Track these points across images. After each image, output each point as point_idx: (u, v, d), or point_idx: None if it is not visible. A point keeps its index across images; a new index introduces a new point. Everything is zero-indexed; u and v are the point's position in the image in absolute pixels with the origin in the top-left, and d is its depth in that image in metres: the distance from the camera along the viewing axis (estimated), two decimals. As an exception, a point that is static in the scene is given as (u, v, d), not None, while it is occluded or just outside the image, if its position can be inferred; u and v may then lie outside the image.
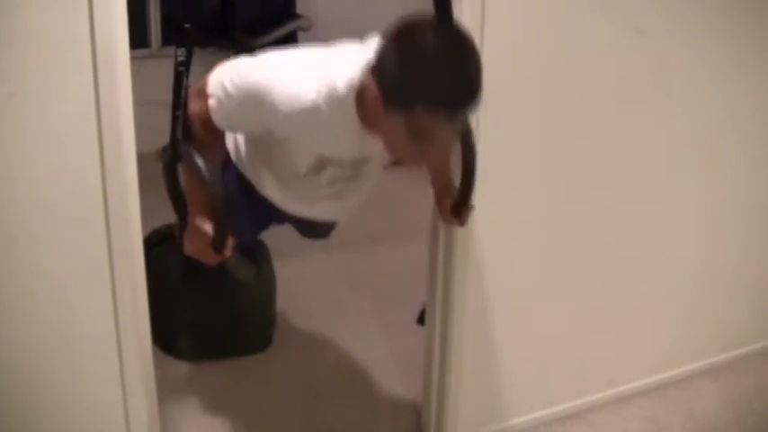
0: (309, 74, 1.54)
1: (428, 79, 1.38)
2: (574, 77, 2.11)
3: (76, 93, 1.48)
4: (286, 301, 2.86)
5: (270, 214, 1.99)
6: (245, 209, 1.88)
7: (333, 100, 1.51)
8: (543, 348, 2.35)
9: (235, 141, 1.90)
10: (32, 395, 1.63)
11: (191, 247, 1.72)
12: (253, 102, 1.55)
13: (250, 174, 1.90)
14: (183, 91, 1.65)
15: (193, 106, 1.67)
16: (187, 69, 1.66)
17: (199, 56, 1.66)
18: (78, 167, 1.53)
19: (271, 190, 1.89)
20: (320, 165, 1.72)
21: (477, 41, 1.88)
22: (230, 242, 1.67)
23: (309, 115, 1.52)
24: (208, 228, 1.67)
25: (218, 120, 1.66)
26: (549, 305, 2.31)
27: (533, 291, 2.26)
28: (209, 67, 1.74)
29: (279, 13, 4.84)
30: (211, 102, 1.64)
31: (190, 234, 1.72)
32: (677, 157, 2.39)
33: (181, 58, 1.61)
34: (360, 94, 1.52)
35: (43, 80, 1.45)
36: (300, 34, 4.90)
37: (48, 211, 1.52)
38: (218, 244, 1.65)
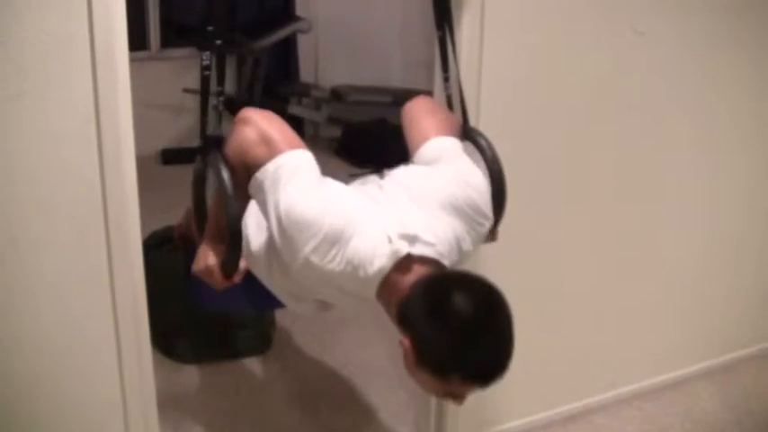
0: (348, 247, 1.39)
1: (465, 357, 1.36)
2: (573, 79, 2.11)
3: (76, 94, 1.49)
4: (285, 302, 2.86)
5: (271, 301, 1.88)
6: (250, 294, 1.78)
7: (356, 278, 1.43)
8: (544, 350, 2.34)
9: (246, 237, 1.65)
10: (32, 396, 1.63)
11: (200, 267, 1.61)
12: (285, 228, 1.39)
13: (253, 266, 1.70)
14: (208, 94, 1.60)
15: (249, 142, 1.45)
16: (221, 75, 1.61)
17: (198, 58, 1.65)
18: (77, 169, 1.53)
19: (273, 287, 1.70)
20: (316, 301, 1.67)
21: (476, 44, 1.90)
22: (242, 267, 1.56)
23: (326, 275, 1.42)
24: (221, 249, 1.56)
25: (254, 187, 1.47)
26: (549, 308, 2.31)
27: (533, 293, 2.26)
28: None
29: (278, 16, 4.85)
30: (269, 167, 1.42)
31: (202, 252, 1.62)
32: (677, 160, 2.39)
33: (206, 62, 1.57)
34: (386, 281, 1.44)
35: (43, 82, 1.45)
36: (300, 36, 4.91)
37: (47, 212, 1.52)
38: (228, 267, 1.55)
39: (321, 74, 5.12)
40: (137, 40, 4.43)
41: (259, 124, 1.45)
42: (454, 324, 1.36)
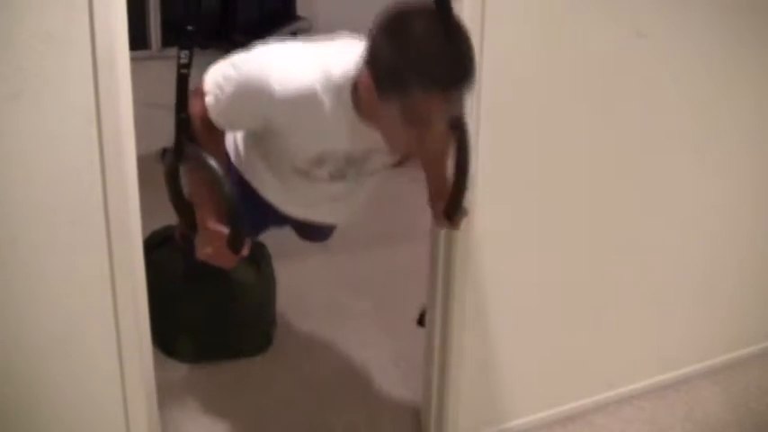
0: (305, 61, 1.53)
1: (420, 60, 1.37)
2: (574, 79, 2.11)
3: (77, 94, 1.48)
4: (286, 302, 2.86)
5: (269, 216, 1.98)
6: (245, 211, 1.86)
7: (329, 86, 1.51)
8: (543, 350, 2.35)
9: (234, 142, 1.89)
10: (32, 396, 1.63)
11: (206, 252, 1.67)
12: (249, 91, 1.55)
13: (249, 175, 1.88)
14: (186, 93, 1.64)
15: (193, 107, 1.66)
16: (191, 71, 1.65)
17: (199, 58, 1.65)
18: (78, 168, 1.53)
19: (270, 190, 1.87)
20: (320, 159, 1.71)
21: (477, 44, 1.89)
22: (247, 241, 1.63)
23: (306, 101, 1.51)
24: (223, 229, 1.63)
25: (216, 117, 1.65)
26: (549, 306, 2.32)
27: (533, 292, 2.26)
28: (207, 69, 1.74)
29: (279, 15, 4.85)
30: (209, 99, 1.64)
31: (203, 238, 1.67)
32: (679, 158, 2.39)
33: (183, 61, 1.60)
34: (356, 86, 1.51)
35: (43, 81, 1.45)
36: (301, 35, 4.91)
37: (48, 211, 1.52)
38: (235, 244, 1.61)
39: (321, 73, 5.12)
40: (137, 39, 4.44)
41: (193, 93, 1.65)
42: (410, 34, 1.39)
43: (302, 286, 3.10)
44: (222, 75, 1.62)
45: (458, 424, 2.24)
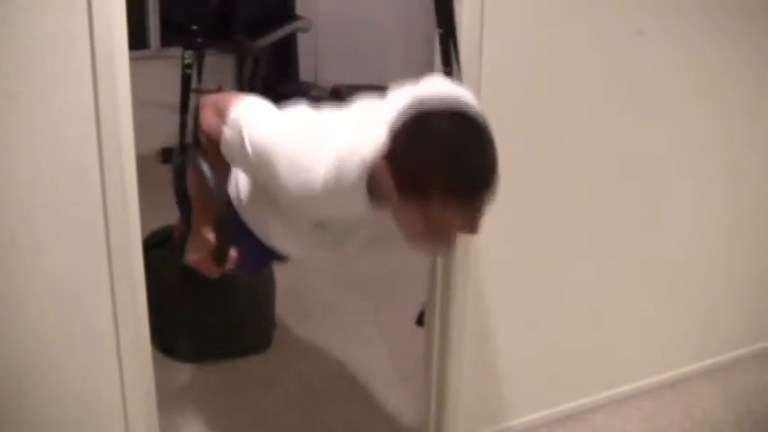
0: (321, 153, 1.42)
1: (443, 166, 1.32)
2: (573, 77, 2.11)
3: (76, 93, 1.49)
4: (285, 302, 2.87)
5: (269, 254, 1.90)
6: (246, 249, 1.80)
7: (342, 183, 1.42)
8: (543, 349, 2.35)
9: (236, 185, 1.75)
10: (31, 396, 1.63)
11: (192, 257, 1.66)
12: (261, 163, 1.45)
13: (251, 221, 1.76)
14: (190, 94, 1.63)
15: (208, 120, 1.56)
16: (199, 72, 1.64)
17: (199, 57, 1.65)
18: (77, 168, 1.53)
19: (269, 236, 1.76)
20: (320, 225, 1.67)
21: (476, 44, 1.90)
22: (232, 255, 1.60)
23: (314, 195, 1.44)
24: (211, 237, 1.60)
25: (225, 152, 1.55)
26: (548, 306, 2.32)
27: (533, 292, 2.26)
28: (208, 69, 1.74)
29: (278, 15, 4.85)
30: (226, 132, 1.52)
31: (193, 243, 1.66)
32: (677, 159, 2.39)
33: (188, 61, 1.59)
34: (372, 176, 1.43)
35: (43, 81, 1.45)
36: (300, 35, 4.91)
37: (47, 211, 1.52)
38: (219, 256, 1.59)
39: (321, 73, 5.12)
40: (137, 38, 4.44)
41: (210, 102, 1.54)
42: (434, 138, 1.35)
43: (301, 286, 3.10)
44: (244, 126, 1.49)
45: (457, 423, 2.24)
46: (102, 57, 1.48)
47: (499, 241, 2.14)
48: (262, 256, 1.76)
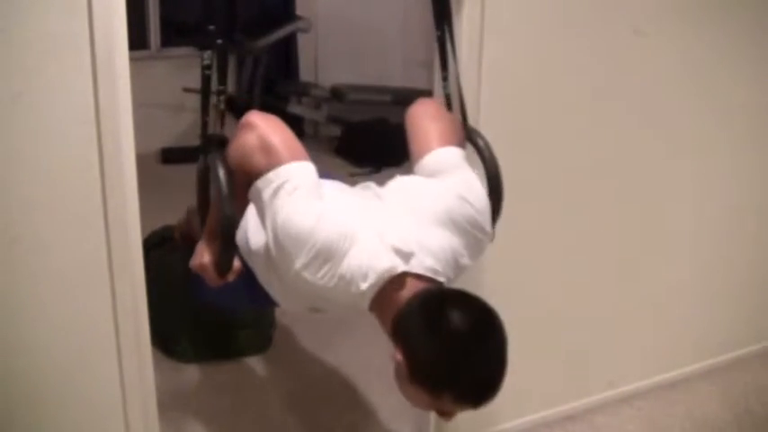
0: (341, 264, 1.39)
1: (458, 377, 1.36)
2: (573, 78, 2.11)
3: (76, 94, 1.49)
4: (285, 302, 2.86)
5: (269, 299, 1.88)
6: (249, 290, 1.78)
7: (349, 293, 1.42)
8: (543, 350, 2.35)
9: (245, 234, 1.63)
10: (32, 395, 1.63)
11: (195, 263, 1.64)
12: (280, 241, 1.40)
13: (250, 263, 1.68)
14: (209, 95, 1.61)
15: (250, 148, 1.44)
16: (221, 73, 1.61)
17: (198, 57, 1.65)
18: (78, 168, 1.53)
19: (266, 285, 1.69)
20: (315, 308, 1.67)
21: (476, 44, 1.90)
22: (236, 266, 1.59)
23: (319, 290, 1.42)
24: (217, 246, 1.58)
25: (253, 194, 1.48)
26: (548, 307, 2.31)
27: (533, 293, 2.26)
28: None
29: (278, 15, 4.85)
30: (270, 177, 1.41)
31: (199, 249, 1.64)
32: (676, 160, 2.39)
33: (207, 62, 1.57)
34: (378, 297, 1.43)
35: (43, 81, 1.45)
36: (300, 35, 4.91)
37: (47, 211, 1.53)
38: (221, 265, 1.58)
39: (321, 73, 5.12)
40: (137, 39, 4.44)
41: (262, 130, 1.44)
42: (450, 342, 1.35)
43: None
44: (291, 195, 1.40)
45: (457, 423, 2.23)
46: (102, 57, 1.48)
47: (499, 242, 2.14)
48: (264, 296, 1.72)
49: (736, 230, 2.62)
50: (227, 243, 1.54)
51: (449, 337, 1.36)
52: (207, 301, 1.92)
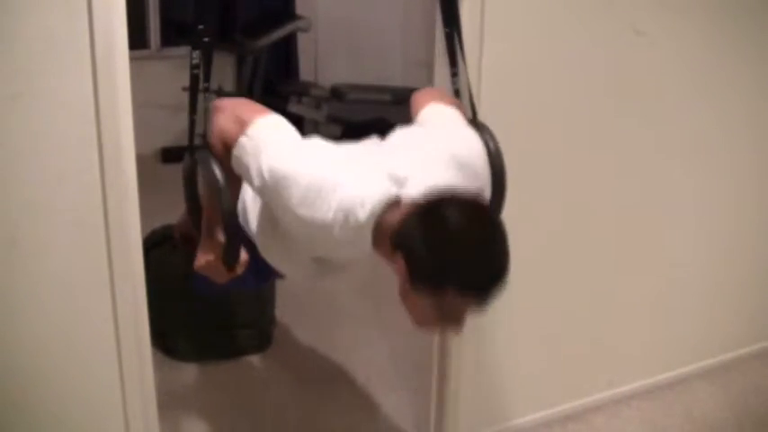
0: (333, 196, 1.41)
1: (457, 265, 1.35)
2: (574, 77, 2.11)
3: (76, 94, 1.49)
4: (286, 302, 2.86)
5: (273, 271, 1.89)
6: (253, 266, 1.78)
7: (348, 227, 1.42)
8: (543, 350, 2.35)
9: (243, 200, 1.74)
10: (32, 395, 1.63)
11: (200, 263, 1.63)
12: (272, 189, 1.43)
13: (255, 239, 1.73)
14: (197, 94, 1.61)
15: (224, 125, 1.51)
16: (206, 72, 1.62)
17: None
18: (78, 168, 1.53)
19: (268, 255, 1.73)
20: (319, 260, 1.66)
21: (476, 44, 1.90)
22: (243, 258, 1.59)
23: (319, 230, 1.43)
24: (222, 239, 1.57)
25: (235, 162, 1.51)
26: (548, 307, 2.32)
27: (533, 292, 2.26)
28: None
29: (278, 15, 4.85)
30: (243, 141, 1.48)
31: (203, 246, 1.63)
32: (677, 157, 2.39)
33: (195, 61, 1.57)
34: (378, 227, 1.42)
35: (43, 81, 1.45)
36: (300, 34, 4.91)
37: (47, 211, 1.52)
38: (229, 259, 1.56)
39: (321, 72, 5.12)
40: (137, 38, 4.44)
41: (230, 107, 1.52)
42: (450, 235, 1.35)
43: (302, 286, 3.10)
44: (263, 149, 1.46)
45: (457, 423, 2.24)
46: (102, 57, 1.48)
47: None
48: (265, 269, 1.73)
49: (737, 230, 2.62)
50: (232, 234, 1.54)
51: (448, 232, 1.35)
52: (211, 290, 1.91)
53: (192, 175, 1.63)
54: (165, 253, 2.48)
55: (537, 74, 2.05)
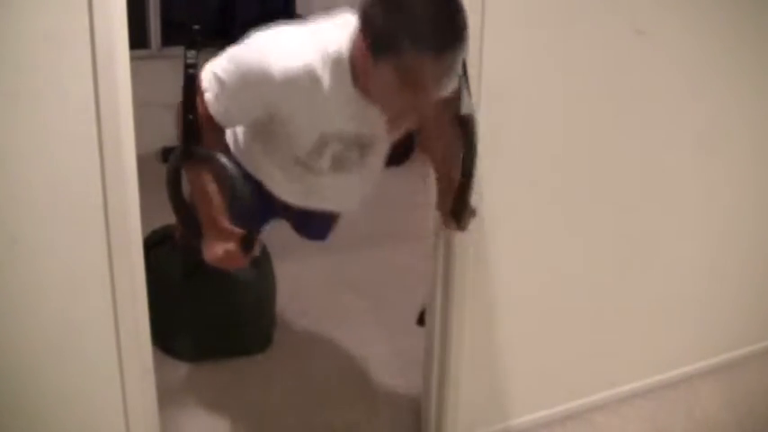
0: (301, 43, 1.58)
1: (412, 22, 1.42)
2: (574, 77, 2.11)
3: (76, 93, 1.48)
4: (286, 300, 2.87)
5: (269, 207, 1.97)
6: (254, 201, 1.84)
7: (327, 62, 1.55)
8: (543, 349, 2.35)
9: (234, 135, 1.89)
10: (31, 395, 1.63)
11: (215, 253, 1.65)
12: (249, 81, 1.56)
13: (250, 166, 1.87)
14: (193, 94, 1.63)
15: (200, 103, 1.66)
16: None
17: (201, 56, 1.65)
18: (78, 168, 1.53)
19: (272, 180, 1.87)
20: (322, 143, 1.70)
21: (476, 44, 1.90)
22: (258, 239, 1.64)
23: (307, 81, 1.54)
24: (236, 229, 1.62)
25: (216, 113, 1.64)
26: (549, 306, 2.31)
27: (533, 291, 2.26)
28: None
29: (278, 14, 4.84)
30: (208, 96, 1.63)
31: (214, 240, 1.65)
32: (678, 158, 2.39)
33: (191, 61, 1.59)
34: (353, 59, 1.55)
35: (43, 81, 1.45)
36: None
37: (48, 211, 1.52)
38: (248, 242, 1.60)
39: (321, 72, 5.12)
40: (137, 38, 4.43)
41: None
42: (404, 1, 1.45)
43: (302, 285, 3.10)
44: (221, 69, 1.63)
45: (457, 423, 2.24)
46: (102, 56, 1.48)
47: (499, 241, 2.14)
48: (263, 208, 1.83)
49: (737, 229, 2.62)
50: (250, 218, 1.58)
51: (401, 2, 1.45)
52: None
53: (177, 175, 1.66)
54: (165, 253, 2.48)
55: (537, 73, 2.05)
